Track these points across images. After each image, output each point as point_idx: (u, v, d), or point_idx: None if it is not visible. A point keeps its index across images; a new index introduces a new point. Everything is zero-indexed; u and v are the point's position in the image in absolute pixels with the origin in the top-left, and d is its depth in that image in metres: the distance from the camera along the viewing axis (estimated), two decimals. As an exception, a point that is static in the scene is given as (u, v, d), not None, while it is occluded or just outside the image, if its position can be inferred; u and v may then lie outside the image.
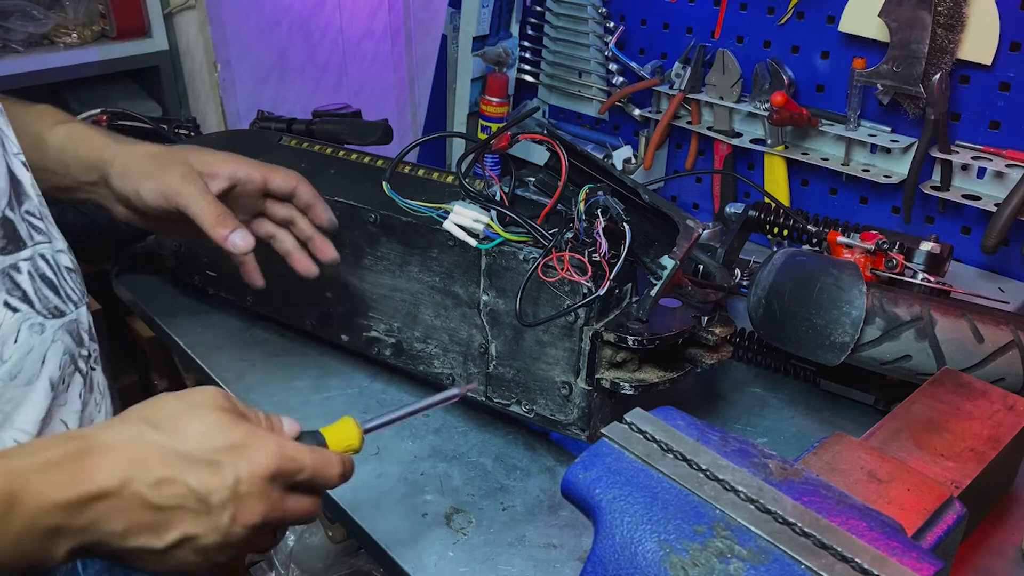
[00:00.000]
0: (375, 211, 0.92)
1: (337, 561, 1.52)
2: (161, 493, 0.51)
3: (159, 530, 0.52)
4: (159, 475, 0.51)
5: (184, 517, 0.52)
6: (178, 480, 0.52)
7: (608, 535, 0.54)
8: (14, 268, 0.63)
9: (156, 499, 0.51)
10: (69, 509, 0.49)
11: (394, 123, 1.27)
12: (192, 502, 0.52)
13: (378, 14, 2.10)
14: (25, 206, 0.66)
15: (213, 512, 0.53)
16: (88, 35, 1.77)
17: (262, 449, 0.54)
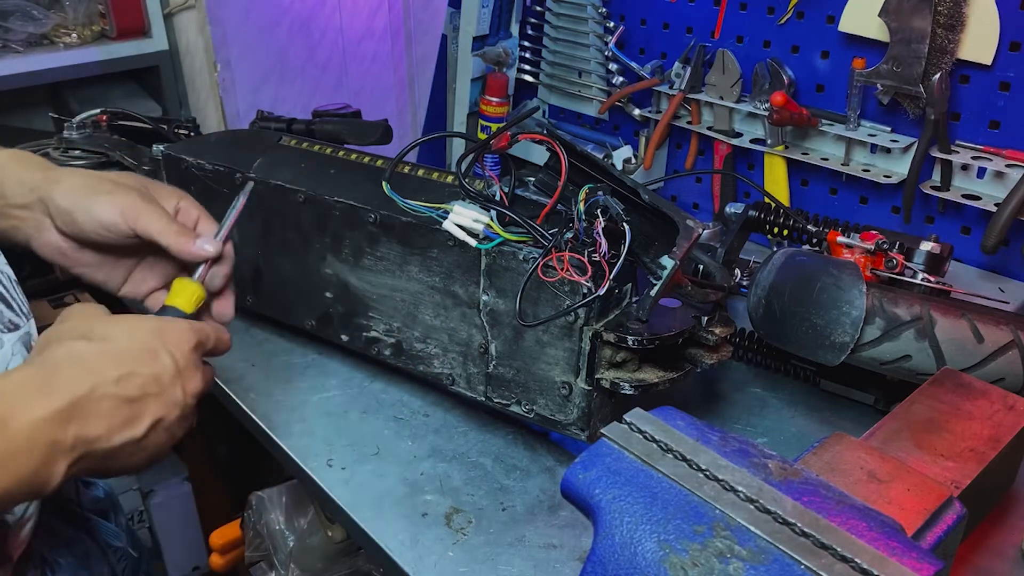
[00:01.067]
0: (375, 211, 0.92)
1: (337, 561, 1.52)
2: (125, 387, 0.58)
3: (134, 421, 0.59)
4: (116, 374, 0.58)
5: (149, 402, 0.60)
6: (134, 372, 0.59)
7: (608, 535, 0.54)
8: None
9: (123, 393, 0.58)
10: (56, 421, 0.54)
11: (394, 123, 1.27)
12: (152, 386, 0.60)
13: (378, 14, 2.09)
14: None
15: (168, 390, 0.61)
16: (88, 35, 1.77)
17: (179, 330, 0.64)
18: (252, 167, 1.04)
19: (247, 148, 1.08)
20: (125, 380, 0.58)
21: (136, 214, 0.73)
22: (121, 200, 0.73)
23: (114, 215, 0.72)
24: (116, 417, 0.58)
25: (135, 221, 0.73)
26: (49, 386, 0.55)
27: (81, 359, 0.57)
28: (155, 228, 0.73)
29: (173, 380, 0.61)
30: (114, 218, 0.72)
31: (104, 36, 1.80)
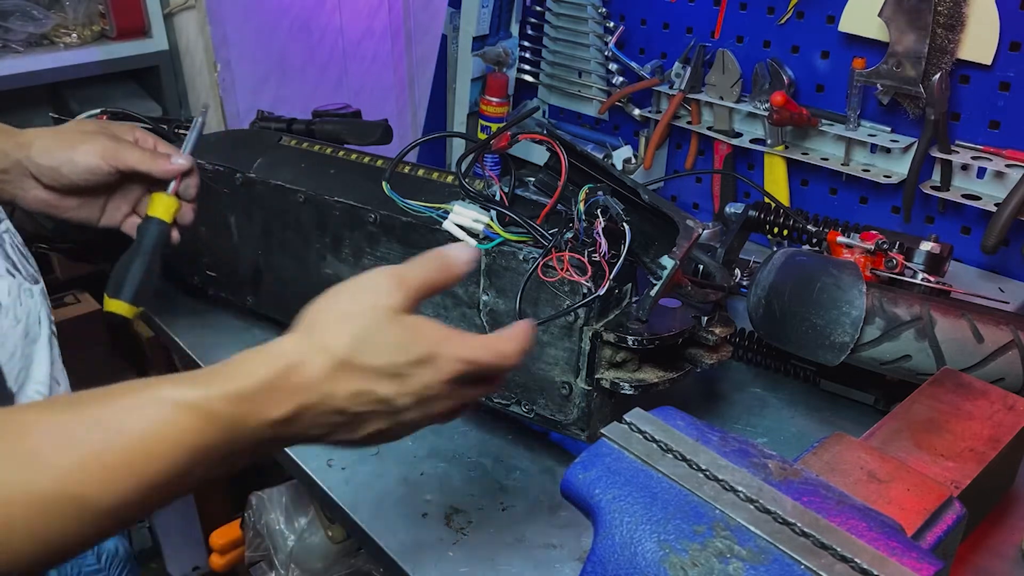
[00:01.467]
0: (375, 211, 0.92)
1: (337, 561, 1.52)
2: (355, 402, 0.57)
3: (354, 428, 0.59)
4: (353, 389, 0.56)
5: (374, 418, 0.58)
6: (370, 391, 0.57)
7: (608, 535, 0.54)
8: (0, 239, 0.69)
9: (351, 407, 0.57)
10: (283, 424, 0.55)
11: (394, 123, 1.27)
12: (382, 407, 0.58)
13: (378, 14, 2.09)
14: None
15: (400, 412, 0.59)
16: (88, 35, 1.77)
17: (445, 361, 0.58)
18: (252, 167, 1.04)
19: (247, 148, 1.08)
20: (358, 396, 0.57)
21: (114, 154, 0.84)
22: (97, 146, 0.84)
23: (96, 159, 0.84)
24: (336, 423, 0.57)
25: (116, 160, 0.84)
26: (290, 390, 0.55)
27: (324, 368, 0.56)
28: (135, 160, 0.85)
29: (409, 406, 0.58)
30: (97, 162, 0.84)
31: (104, 36, 1.80)
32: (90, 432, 0.48)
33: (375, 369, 0.56)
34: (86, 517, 0.47)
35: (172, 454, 0.50)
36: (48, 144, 0.83)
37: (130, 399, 0.50)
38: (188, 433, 0.50)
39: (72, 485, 0.46)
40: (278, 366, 0.55)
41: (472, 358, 0.59)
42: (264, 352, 0.56)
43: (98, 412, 0.49)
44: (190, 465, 0.50)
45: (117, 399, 0.50)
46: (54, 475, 0.46)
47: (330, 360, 0.55)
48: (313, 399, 0.55)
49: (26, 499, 0.45)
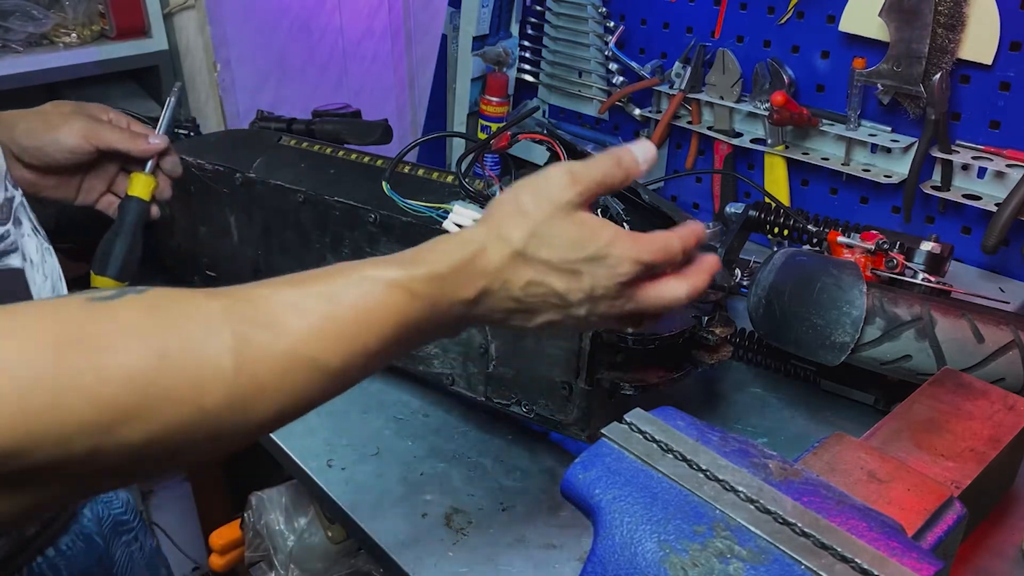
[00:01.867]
0: (375, 211, 0.92)
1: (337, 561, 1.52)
2: (528, 292, 0.60)
3: (528, 316, 0.62)
4: (528, 278, 0.60)
5: (547, 309, 0.62)
6: (543, 283, 0.60)
7: (608, 535, 0.54)
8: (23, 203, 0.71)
9: (525, 296, 0.60)
10: (470, 304, 0.59)
11: (394, 123, 1.27)
12: (553, 298, 0.61)
13: (378, 14, 2.09)
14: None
15: (571, 307, 0.61)
16: (88, 35, 1.77)
17: (618, 260, 0.60)
18: (252, 167, 1.04)
19: (247, 148, 1.08)
20: (532, 286, 0.60)
21: (96, 134, 0.90)
22: (78, 127, 0.89)
23: (78, 140, 0.88)
24: (513, 308, 0.61)
25: (97, 140, 0.90)
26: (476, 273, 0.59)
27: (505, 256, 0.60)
28: (114, 140, 0.90)
29: (580, 301, 0.61)
30: (78, 142, 0.89)
31: (104, 36, 1.80)
32: (318, 303, 0.53)
33: (547, 263, 0.60)
34: (317, 377, 0.52)
35: (384, 325, 0.55)
36: (32, 126, 0.87)
37: (345, 278, 0.55)
38: (396, 308, 0.55)
39: (306, 348, 0.51)
40: (466, 252, 0.59)
41: (640, 257, 0.61)
42: (457, 238, 0.60)
43: (321, 287, 0.54)
44: (397, 336, 0.56)
45: (335, 277, 0.56)
46: (292, 339, 0.51)
47: (508, 249, 0.59)
48: (494, 284, 0.60)
49: (271, 359, 0.50)
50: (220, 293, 0.51)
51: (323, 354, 0.52)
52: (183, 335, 0.47)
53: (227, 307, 0.50)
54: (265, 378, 0.49)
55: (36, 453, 0.42)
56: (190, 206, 1.11)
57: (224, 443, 0.50)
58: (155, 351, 0.46)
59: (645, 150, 0.64)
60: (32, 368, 0.42)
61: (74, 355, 0.43)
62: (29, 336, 0.43)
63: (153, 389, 0.45)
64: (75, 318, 0.45)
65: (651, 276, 0.63)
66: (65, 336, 0.44)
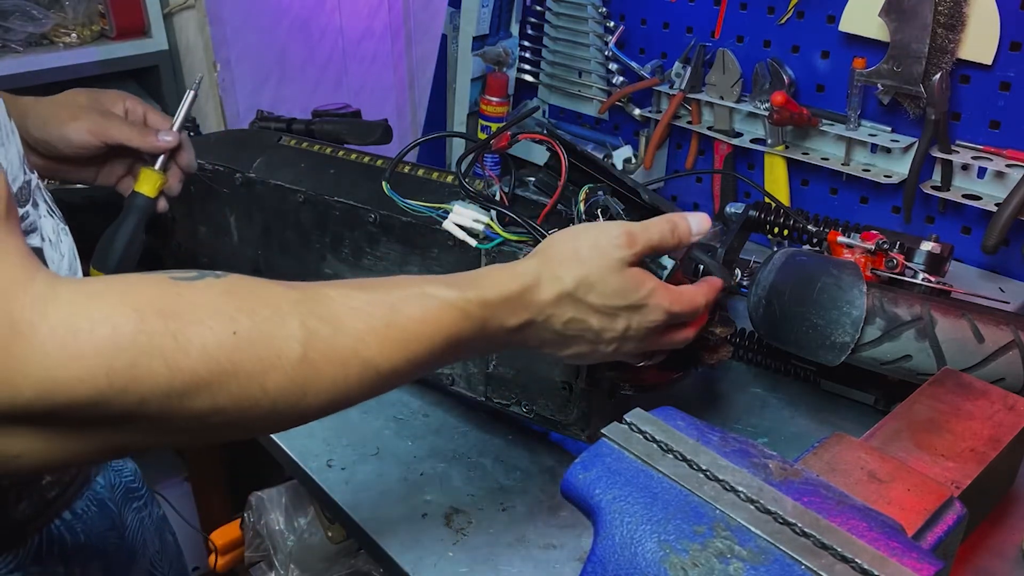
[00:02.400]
0: (375, 211, 0.92)
1: (337, 561, 1.52)
2: (568, 327, 0.66)
3: (562, 347, 0.68)
4: (571, 315, 0.66)
5: (580, 343, 0.67)
6: (584, 321, 0.66)
7: (608, 535, 0.54)
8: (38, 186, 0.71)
9: (564, 330, 0.66)
10: (514, 332, 0.64)
11: (394, 123, 1.27)
12: (589, 335, 0.67)
13: (378, 14, 2.09)
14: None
15: (601, 343, 0.68)
16: (88, 35, 1.77)
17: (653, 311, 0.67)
18: (252, 167, 1.04)
19: (247, 148, 1.08)
20: (573, 323, 0.66)
21: (103, 130, 0.88)
22: (87, 122, 0.88)
23: (86, 136, 0.88)
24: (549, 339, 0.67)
25: (105, 136, 0.88)
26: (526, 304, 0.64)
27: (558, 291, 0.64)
28: (122, 136, 0.89)
29: (611, 340, 0.67)
30: (86, 138, 0.88)
31: (104, 36, 1.80)
32: (377, 308, 0.57)
33: (592, 306, 0.65)
34: (368, 376, 0.56)
35: (434, 338, 0.59)
36: (43, 117, 0.87)
37: (406, 291, 0.59)
38: (449, 325, 0.60)
39: (365, 348, 0.55)
40: (519, 284, 0.64)
41: (672, 309, 0.68)
42: (510, 269, 0.65)
43: (382, 295, 0.58)
44: (444, 350, 0.60)
45: (397, 289, 0.59)
46: (352, 338, 0.55)
47: (559, 289, 0.64)
48: (539, 317, 0.65)
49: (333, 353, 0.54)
50: (294, 286, 0.55)
51: (378, 357, 0.56)
52: (257, 318, 0.51)
53: (298, 300, 0.54)
54: (324, 369, 0.53)
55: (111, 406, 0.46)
56: (190, 206, 1.11)
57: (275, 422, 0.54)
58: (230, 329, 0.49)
59: (700, 222, 0.70)
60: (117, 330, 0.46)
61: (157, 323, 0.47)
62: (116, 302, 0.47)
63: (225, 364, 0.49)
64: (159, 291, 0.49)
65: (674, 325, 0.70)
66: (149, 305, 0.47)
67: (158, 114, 0.94)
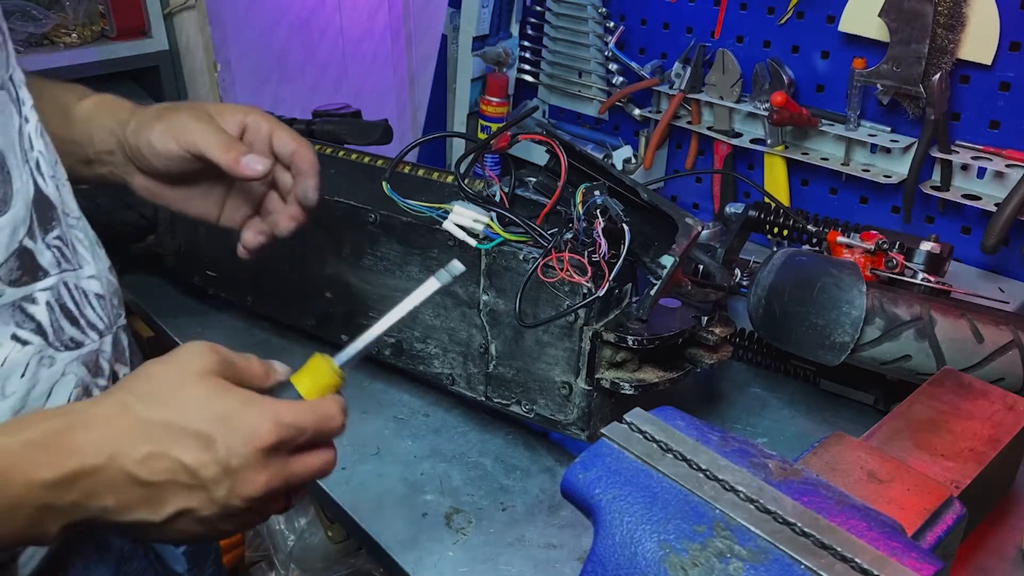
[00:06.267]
0: (375, 211, 0.92)
1: (337, 561, 1.52)
2: (149, 468, 0.51)
3: (153, 505, 0.52)
4: (146, 451, 0.51)
5: (176, 492, 0.52)
6: (166, 455, 0.51)
7: (608, 535, 0.54)
8: (28, 299, 0.59)
9: (145, 475, 0.51)
10: (55, 488, 0.49)
11: (394, 123, 1.27)
12: (183, 476, 0.51)
13: (378, 14, 2.09)
14: (55, 232, 0.63)
15: (207, 486, 0.52)
16: (88, 35, 1.77)
17: (257, 421, 0.53)
18: (252, 167, 1.04)
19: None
20: (152, 460, 0.51)
21: (186, 135, 0.72)
22: (173, 124, 0.72)
23: (169, 141, 0.72)
24: (130, 496, 0.51)
25: (186, 142, 0.72)
26: (64, 448, 0.49)
27: (116, 422, 0.51)
28: (202, 144, 0.71)
29: (217, 477, 0.52)
30: (169, 144, 0.72)
31: (104, 36, 1.80)
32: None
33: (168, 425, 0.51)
34: None
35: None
36: (139, 122, 0.73)
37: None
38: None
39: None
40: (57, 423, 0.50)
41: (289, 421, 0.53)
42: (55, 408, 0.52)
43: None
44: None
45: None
46: None
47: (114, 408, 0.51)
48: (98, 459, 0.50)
49: None
50: None
51: None
52: None
53: None
54: None
55: None
56: (190, 206, 1.11)
57: None
58: None
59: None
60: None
61: None
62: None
63: None
64: None
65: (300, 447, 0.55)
66: None
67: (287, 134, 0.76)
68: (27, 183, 0.60)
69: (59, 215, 0.64)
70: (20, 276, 0.59)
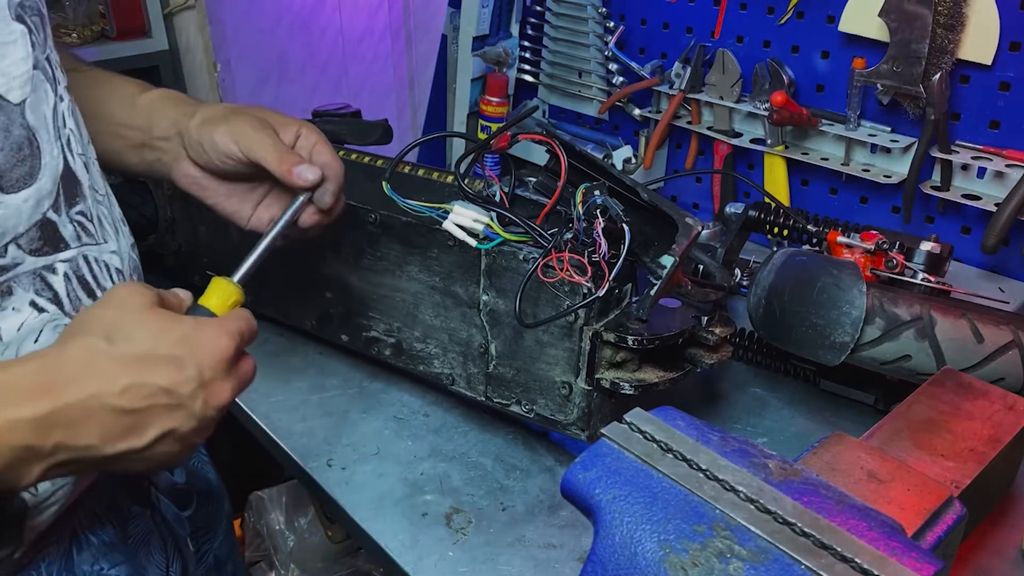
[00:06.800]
0: (375, 211, 0.92)
1: (337, 561, 1.52)
2: (131, 398, 0.54)
3: (138, 430, 0.55)
4: (125, 383, 0.53)
5: (158, 414, 0.55)
6: (146, 383, 0.54)
7: (608, 535, 0.54)
8: (49, 269, 0.62)
9: (128, 404, 0.53)
10: (38, 426, 0.51)
11: (394, 123, 1.27)
12: (163, 399, 0.55)
13: (378, 14, 2.09)
14: (79, 207, 0.66)
15: (185, 403, 0.56)
16: (88, 35, 1.77)
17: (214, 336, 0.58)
18: (252, 167, 1.04)
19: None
20: (133, 390, 0.54)
21: (246, 141, 0.76)
22: (236, 128, 0.76)
23: (230, 143, 0.76)
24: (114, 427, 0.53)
25: (245, 148, 0.76)
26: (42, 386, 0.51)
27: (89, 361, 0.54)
28: (260, 152, 0.75)
29: (194, 393, 0.56)
30: (231, 146, 0.76)
31: (104, 36, 1.80)
32: None
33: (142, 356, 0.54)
34: None
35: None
36: (204, 118, 0.78)
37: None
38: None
39: None
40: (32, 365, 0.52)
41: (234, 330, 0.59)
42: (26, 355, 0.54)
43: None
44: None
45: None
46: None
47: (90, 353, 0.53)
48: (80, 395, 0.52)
49: None
50: None
51: None
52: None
53: None
54: None
55: None
56: (190, 206, 1.11)
57: None
58: None
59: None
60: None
61: None
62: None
63: None
64: None
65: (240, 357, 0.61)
66: None
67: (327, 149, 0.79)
68: (57, 158, 0.63)
69: (85, 191, 0.67)
70: (41, 246, 0.62)
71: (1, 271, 0.59)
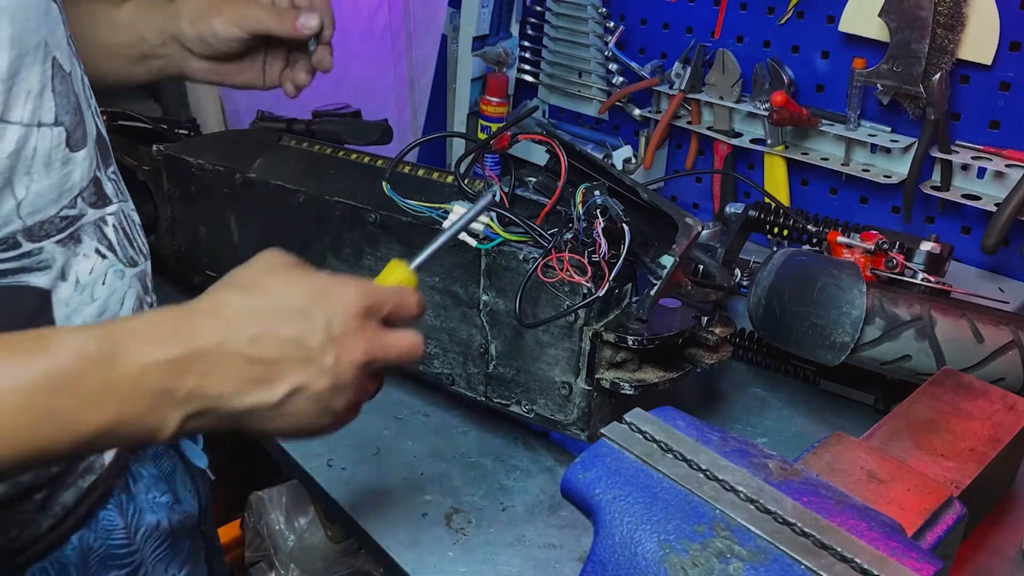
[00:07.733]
0: (375, 211, 0.92)
1: (337, 561, 1.52)
2: (260, 347, 0.53)
3: (268, 383, 0.54)
4: (252, 332, 0.53)
5: (288, 366, 0.54)
6: (272, 333, 0.54)
7: (608, 535, 0.54)
8: (103, 221, 0.68)
9: (255, 353, 0.53)
10: (171, 369, 0.51)
11: (394, 123, 1.27)
12: (292, 350, 0.54)
13: (378, 14, 2.09)
14: (112, 167, 0.72)
15: (314, 356, 0.55)
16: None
17: (345, 290, 0.57)
18: (252, 167, 1.04)
19: (247, 148, 1.08)
20: (261, 339, 0.53)
21: (243, 19, 0.86)
22: (231, 13, 0.86)
23: (232, 28, 0.86)
24: (245, 376, 0.53)
25: (246, 25, 0.86)
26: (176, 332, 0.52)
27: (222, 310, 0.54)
28: (263, 24, 0.86)
29: (323, 344, 0.55)
30: (233, 30, 0.86)
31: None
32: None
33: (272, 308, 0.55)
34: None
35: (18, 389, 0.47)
36: (194, 14, 0.86)
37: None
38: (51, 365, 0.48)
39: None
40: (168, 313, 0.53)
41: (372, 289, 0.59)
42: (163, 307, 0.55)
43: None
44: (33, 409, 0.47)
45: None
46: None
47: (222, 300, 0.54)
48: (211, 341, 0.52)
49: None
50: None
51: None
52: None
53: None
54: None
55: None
56: (190, 206, 1.11)
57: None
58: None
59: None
60: None
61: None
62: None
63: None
64: None
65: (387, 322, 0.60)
66: None
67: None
68: (91, 124, 0.68)
69: (111, 153, 0.73)
70: (96, 200, 0.67)
71: (73, 221, 0.64)
